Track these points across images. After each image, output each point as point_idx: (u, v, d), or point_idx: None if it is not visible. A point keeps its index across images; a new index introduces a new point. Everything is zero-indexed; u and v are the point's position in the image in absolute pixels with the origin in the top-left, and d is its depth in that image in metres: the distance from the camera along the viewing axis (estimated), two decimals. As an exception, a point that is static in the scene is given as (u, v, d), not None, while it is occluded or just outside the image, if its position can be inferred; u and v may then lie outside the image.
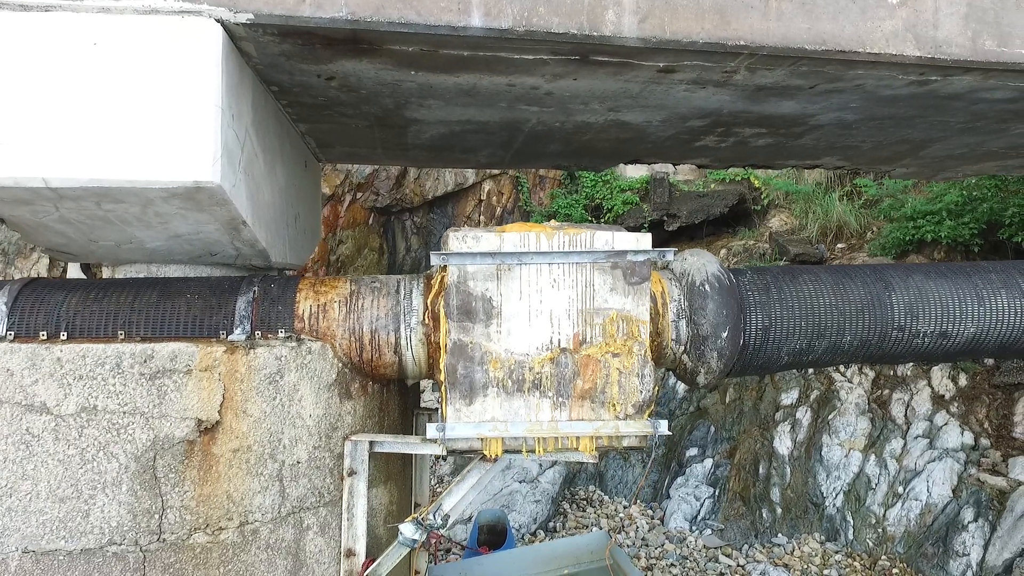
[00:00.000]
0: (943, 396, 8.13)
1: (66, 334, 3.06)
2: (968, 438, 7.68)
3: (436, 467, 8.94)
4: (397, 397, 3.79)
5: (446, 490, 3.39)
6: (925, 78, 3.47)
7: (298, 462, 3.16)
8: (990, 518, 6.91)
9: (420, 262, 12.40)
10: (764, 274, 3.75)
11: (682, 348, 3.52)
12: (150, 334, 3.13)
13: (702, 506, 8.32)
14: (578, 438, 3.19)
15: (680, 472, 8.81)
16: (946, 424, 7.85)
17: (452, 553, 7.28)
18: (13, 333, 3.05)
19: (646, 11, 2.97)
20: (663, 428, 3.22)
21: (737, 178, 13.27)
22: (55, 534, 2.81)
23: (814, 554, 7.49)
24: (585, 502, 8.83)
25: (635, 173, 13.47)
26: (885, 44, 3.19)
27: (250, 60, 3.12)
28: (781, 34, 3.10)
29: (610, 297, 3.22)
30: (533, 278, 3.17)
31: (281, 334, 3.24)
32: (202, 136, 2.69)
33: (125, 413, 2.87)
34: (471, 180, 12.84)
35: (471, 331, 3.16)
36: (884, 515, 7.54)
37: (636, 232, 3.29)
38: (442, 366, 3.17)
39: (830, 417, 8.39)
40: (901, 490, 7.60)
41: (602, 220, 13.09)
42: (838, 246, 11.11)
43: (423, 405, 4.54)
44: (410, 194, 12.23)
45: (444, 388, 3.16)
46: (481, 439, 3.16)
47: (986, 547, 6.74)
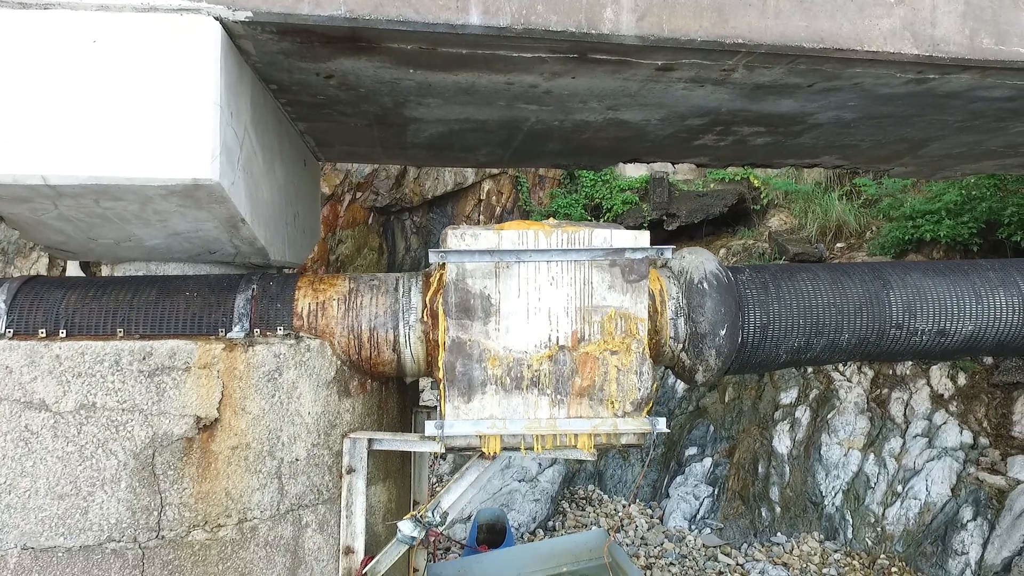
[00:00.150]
0: (942, 395, 8.14)
1: (65, 332, 3.06)
2: (967, 437, 7.68)
3: (436, 466, 8.94)
4: (396, 395, 3.79)
5: (445, 488, 3.39)
6: (923, 76, 3.48)
7: (297, 459, 3.17)
8: (989, 517, 6.92)
9: (420, 262, 12.38)
10: (762, 272, 3.75)
11: (680, 346, 3.52)
12: (149, 332, 3.13)
13: (701, 505, 8.32)
14: (576, 435, 3.19)
15: (679, 471, 8.81)
16: (945, 423, 7.86)
17: (451, 552, 7.29)
18: (12, 331, 3.06)
19: (644, 9, 2.98)
20: (661, 426, 3.23)
21: (736, 178, 13.28)
22: (54, 531, 2.81)
23: (813, 553, 7.50)
24: (584, 501, 8.84)
25: (635, 173, 13.48)
26: (883, 42, 3.20)
27: (249, 58, 3.13)
28: (779, 32, 3.10)
29: (608, 295, 3.22)
30: (531, 276, 3.18)
31: (280, 332, 3.25)
32: (201, 133, 2.70)
33: (124, 410, 2.87)
34: (471, 180, 12.83)
35: (469, 329, 3.16)
36: (883, 514, 7.55)
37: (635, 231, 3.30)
38: (440, 364, 3.18)
39: (829, 416, 8.40)
40: (900, 489, 7.60)
41: (602, 220, 13.09)
42: (837, 245, 11.12)
43: (422, 403, 4.54)
44: (410, 194, 12.22)
45: (442, 386, 3.17)
46: (479, 436, 3.17)
47: (985, 546, 6.74)
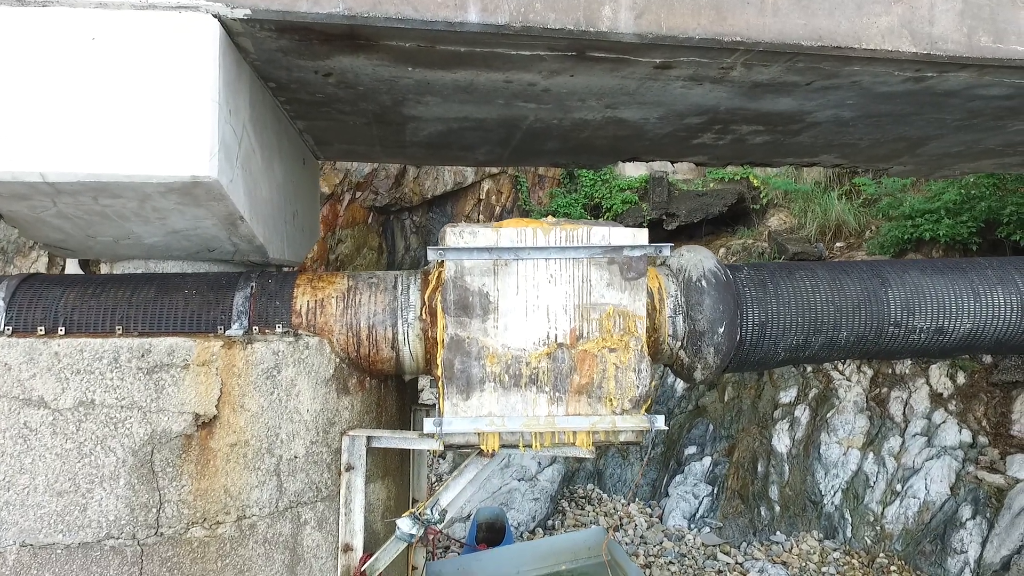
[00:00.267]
0: (941, 394, 8.14)
1: (64, 329, 3.06)
2: (966, 436, 7.69)
3: (435, 465, 8.95)
4: (395, 393, 3.79)
5: (443, 485, 3.39)
6: (921, 74, 3.48)
7: (295, 457, 3.17)
8: (988, 515, 6.92)
9: (419, 261, 12.38)
10: (761, 270, 3.75)
11: (679, 344, 3.53)
12: (148, 329, 3.14)
13: (701, 504, 8.33)
14: (575, 433, 3.20)
15: (679, 470, 8.82)
16: (944, 422, 7.87)
17: (451, 551, 7.29)
18: (11, 328, 3.06)
19: (642, 7, 2.98)
20: (660, 423, 3.23)
21: (736, 177, 13.28)
22: (53, 528, 2.81)
23: (812, 552, 7.50)
24: (584, 500, 8.84)
25: (634, 172, 13.49)
26: (881, 40, 3.20)
27: (247, 56, 3.13)
28: (777, 30, 3.10)
29: (607, 292, 3.23)
30: (530, 273, 3.18)
31: (279, 329, 3.25)
32: (199, 131, 2.70)
33: (123, 407, 2.88)
34: (470, 179, 12.83)
35: (468, 326, 3.16)
36: (882, 513, 7.55)
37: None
38: (439, 361, 3.18)
39: (828, 415, 8.40)
40: (899, 488, 7.61)
41: (601, 219, 13.10)
42: (837, 245, 11.13)
43: (421, 402, 4.54)
44: (409, 193, 12.22)
45: (441, 383, 3.17)
46: (478, 434, 3.17)
47: (984, 544, 6.74)
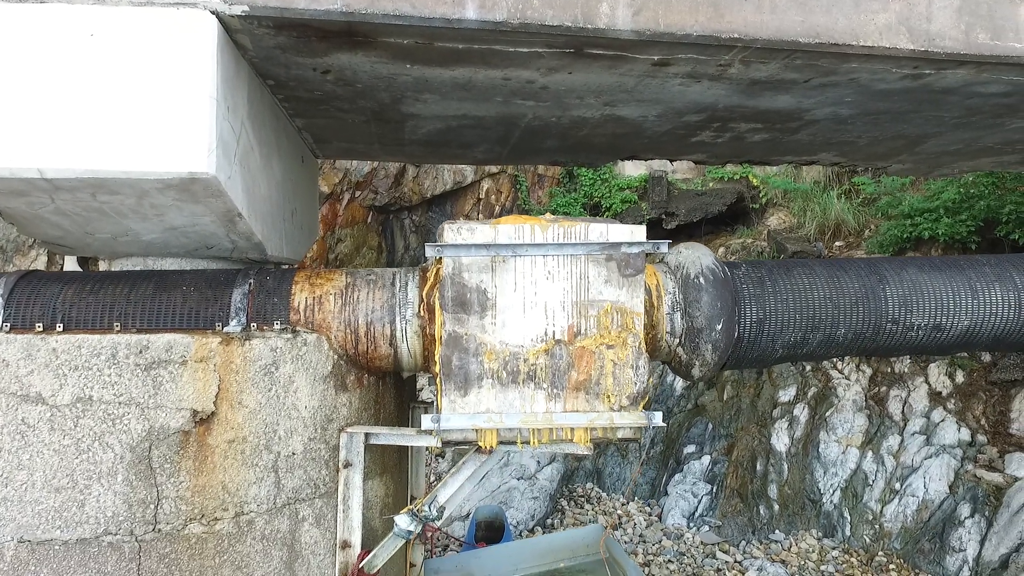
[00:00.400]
0: (940, 393, 8.14)
1: (62, 325, 3.06)
2: (965, 434, 7.69)
3: (435, 465, 8.95)
4: (393, 390, 3.80)
5: (441, 482, 3.40)
6: (919, 72, 3.48)
7: (293, 453, 3.17)
8: (986, 514, 6.93)
9: (419, 261, 12.38)
10: (759, 267, 3.76)
11: (677, 341, 3.53)
12: (146, 326, 3.14)
13: (700, 503, 8.33)
14: (572, 429, 3.20)
15: (678, 469, 8.82)
16: (943, 420, 7.87)
17: (450, 550, 7.30)
18: (9, 324, 3.06)
19: (640, 4, 2.98)
20: (657, 420, 3.23)
21: (735, 176, 13.28)
22: (51, 524, 2.82)
23: (811, 550, 7.51)
24: (583, 499, 8.85)
25: (634, 171, 13.50)
26: (879, 37, 3.20)
27: (246, 53, 3.13)
28: (775, 27, 3.11)
29: (605, 289, 3.23)
30: (528, 270, 3.18)
31: (277, 326, 3.25)
32: (197, 127, 2.71)
33: (120, 403, 2.88)
34: (470, 179, 12.83)
35: (466, 323, 3.17)
36: (881, 511, 7.56)
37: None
38: (437, 358, 3.18)
39: (827, 414, 8.41)
40: (898, 486, 7.61)
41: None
42: (836, 244, 11.13)
43: (419, 399, 4.55)
44: (409, 192, 12.22)
45: (439, 379, 3.17)
46: (476, 430, 3.17)
47: (982, 543, 6.75)
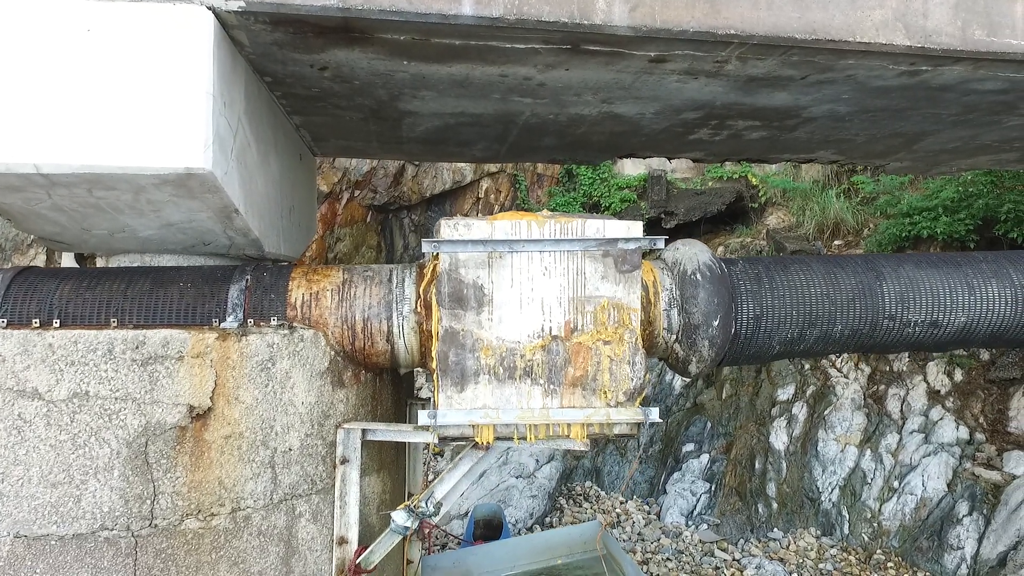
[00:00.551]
0: (938, 391, 8.14)
1: (59, 321, 3.07)
2: (963, 432, 7.69)
3: (434, 464, 8.95)
4: (390, 387, 3.80)
5: (438, 478, 3.40)
6: (916, 68, 3.49)
7: (290, 449, 3.17)
8: (984, 512, 6.93)
9: (418, 260, 12.38)
10: (756, 264, 3.76)
11: (674, 337, 3.53)
12: (143, 322, 3.14)
13: (698, 501, 8.33)
14: (569, 425, 3.20)
15: (676, 467, 8.82)
16: (941, 419, 7.87)
17: (449, 548, 7.30)
18: (6, 320, 3.06)
19: (636, 0, 2.98)
20: (654, 416, 3.24)
21: (735, 176, 13.28)
22: (47, 519, 2.82)
23: (810, 548, 7.51)
24: (581, 497, 8.85)
25: (633, 171, 13.49)
26: (875, 33, 3.21)
27: (243, 49, 3.13)
28: (771, 23, 3.11)
29: (601, 285, 3.23)
30: (524, 266, 3.19)
31: (273, 322, 3.25)
32: (193, 122, 2.71)
33: (117, 399, 2.88)
34: (469, 178, 12.83)
35: (462, 319, 3.17)
36: (879, 509, 7.56)
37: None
38: (434, 353, 3.18)
39: (826, 412, 8.41)
40: (896, 484, 7.61)
41: (599, 217, 13.06)
42: (835, 243, 11.13)
43: (417, 396, 4.55)
44: (408, 192, 12.22)
45: (436, 375, 3.18)
46: (472, 426, 3.17)
47: (980, 540, 6.75)
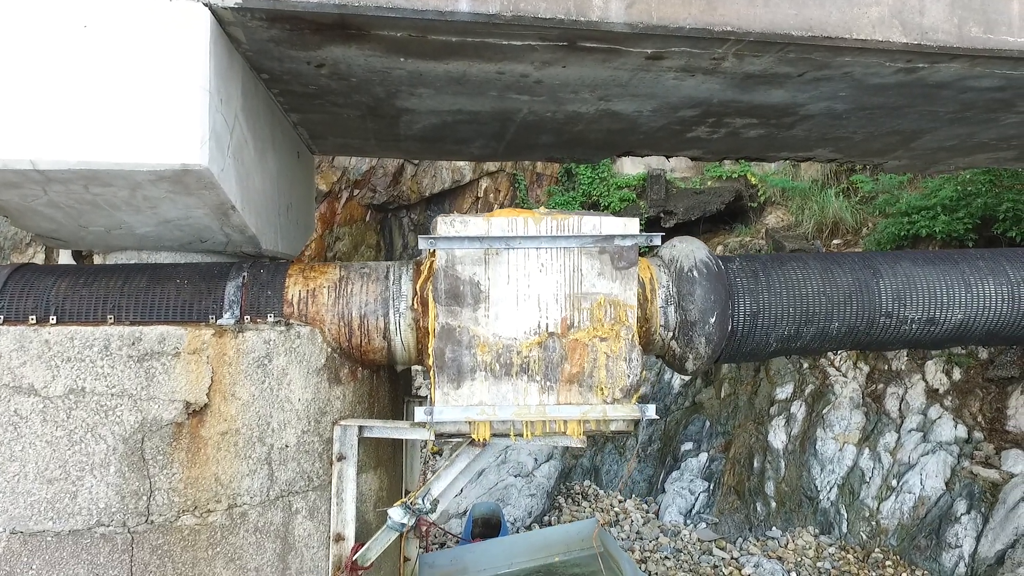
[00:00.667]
0: (937, 390, 8.14)
1: (55, 318, 3.07)
2: (961, 431, 7.69)
3: (433, 463, 8.95)
4: (387, 384, 3.80)
5: (435, 475, 3.40)
6: (912, 65, 3.49)
7: (287, 446, 3.17)
8: (983, 510, 6.93)
9: (415, 258, 12.38)
10: (753, 261, 3.76)
11: (671, 334, 3.53)
12: (139, 318, 3.14)
13: (697, 500, 8.33)
14: (566, 422, 3.20)
15: (675, 466, 8.82)
16: (940, 417, 7.87)
17: (447, 547, 7.30)
18: (2, 317, 3.06)
19: (633, -4, 2.98)
20: (651, 412, 3.24)
21: (734, 175, 13.28)
22: (43, 515, 2.82)
23: (808, 547, 7.51)
24: (580, 496, 8.85)
25: (632, 170, 13.49)
26: (872, 30, 3.21)
27: (239, 46, 3.13)
28: (768, 20, 3.11)
29: (598, 282, 3.23)
30: (521, 262, 3.19)
31: (270, 319, 3.25)
32: (190, 119, 2.71)
33: (113, 395, 2.88)
34: (468, 177, 12.83)
35: (459, 315, 3.17)
36: (878, 508, 7.56)
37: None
38: (430, 350, 3.19)
39: (824, 411, 8.41)
40: (895, 483, 7.61)
41: (598, 216, 13.06)
42: (834, 242, 11.12)
43: (414, 393, 4.55)
44: (407, 191, 12.22)
45: (432, 372, 3.18)
46: (469, 423, 3.18)
47: (978, 539, 6.75)
